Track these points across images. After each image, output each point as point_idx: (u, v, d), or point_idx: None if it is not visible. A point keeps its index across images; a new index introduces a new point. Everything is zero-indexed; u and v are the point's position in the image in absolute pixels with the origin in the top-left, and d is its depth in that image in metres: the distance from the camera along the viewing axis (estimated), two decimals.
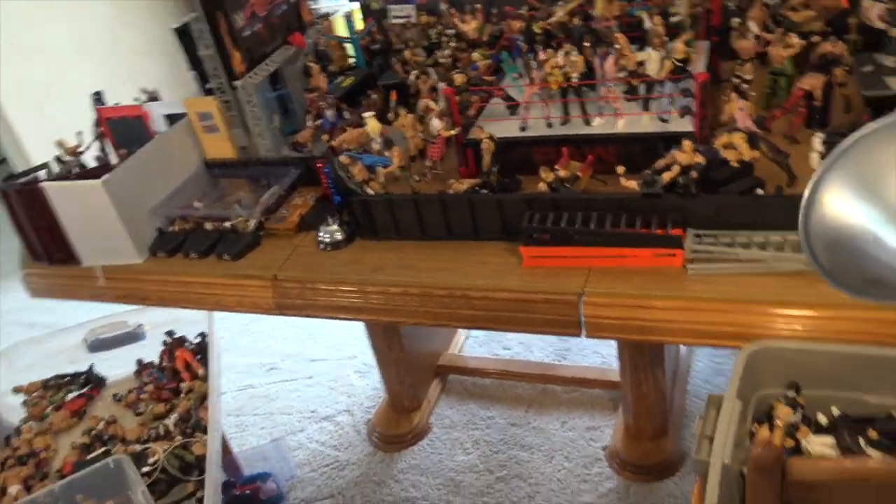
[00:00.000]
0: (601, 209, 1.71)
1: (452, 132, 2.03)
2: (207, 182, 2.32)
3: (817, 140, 1.90)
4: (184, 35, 2.27)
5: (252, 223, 2.07)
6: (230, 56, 2.13)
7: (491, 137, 1.90)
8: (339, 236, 1.97)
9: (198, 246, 2.06)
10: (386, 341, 2.64)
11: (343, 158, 1.95)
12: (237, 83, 2.14)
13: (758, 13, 2.25)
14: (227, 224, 2.09)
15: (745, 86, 2.13)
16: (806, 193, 0.71)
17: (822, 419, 1.44)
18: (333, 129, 2.27)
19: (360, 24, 2.79)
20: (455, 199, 1.85)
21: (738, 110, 1.99)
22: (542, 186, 1.84)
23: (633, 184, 1.67)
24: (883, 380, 1.44)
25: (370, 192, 1.96)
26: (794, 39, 2.02)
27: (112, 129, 2.44)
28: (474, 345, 3.10)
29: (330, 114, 2.27)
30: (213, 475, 1.71)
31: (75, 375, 2.28)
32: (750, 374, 1.49)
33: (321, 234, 1.98)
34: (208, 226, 2.11)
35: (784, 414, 1.48)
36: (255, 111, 2.18)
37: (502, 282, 1.72)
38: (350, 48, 2.74)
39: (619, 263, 1.67)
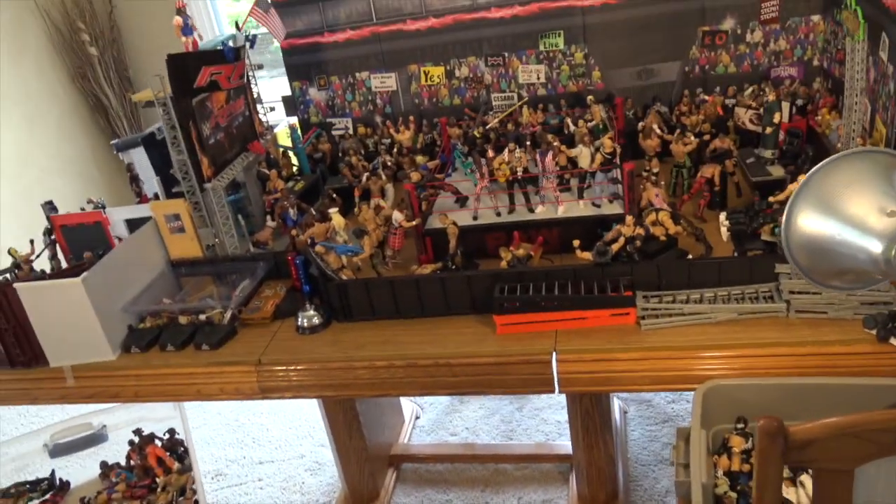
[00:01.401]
0: (561, 279, 1.96)
1: (413, 223, 2.26)
2: (172, 281, 2.40)
3: (722, 217, 2.28)
4: (150, 143, 2.41)
5: (228, 314, 2.16)
6: (200, 161, 2.29)
7: (455, 223, 2.15)
8: (316, 321, 2.11)
9: (175, 339, 2.12)
10: (347, 430, 2.71)
11: (319, 248, 2.13)
12: (207, 186, 2.29)
13: (653, 118, 2.69)
14: (202, 316, 2.17)
15: (653, 178, 2.52)
16: (784, 217, 0.98)
17: None
18: (295, 226, 2.44)
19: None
20: (428, 279, 2.05)
21: (655, 196, 2.35)
22: (503, 265, 2.09)
23: (587, 255, 1.95)
24: (811, 404, 1.73)
25: (344, 278, 2.13)
26: (691, 138, 2.44)
27: (66, 237, 2.49)
28: (422, 434, 3.20)
29: (292, 212, 2.44)
30: None
31: (36, 482, 2.19)
32: (705, 410, 1.74)
33: (300, 319, 2.11)
34: (182, 320, 2.19)
35: (737, 443, 1.74)
36: (224, 211, 2.32)
37: (480, 348, 1.91)
38: (293, 157, 2.96)
39: (582, 325, 1.92)
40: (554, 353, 1.85)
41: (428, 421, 3.29)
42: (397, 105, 3.02)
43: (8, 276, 2.26)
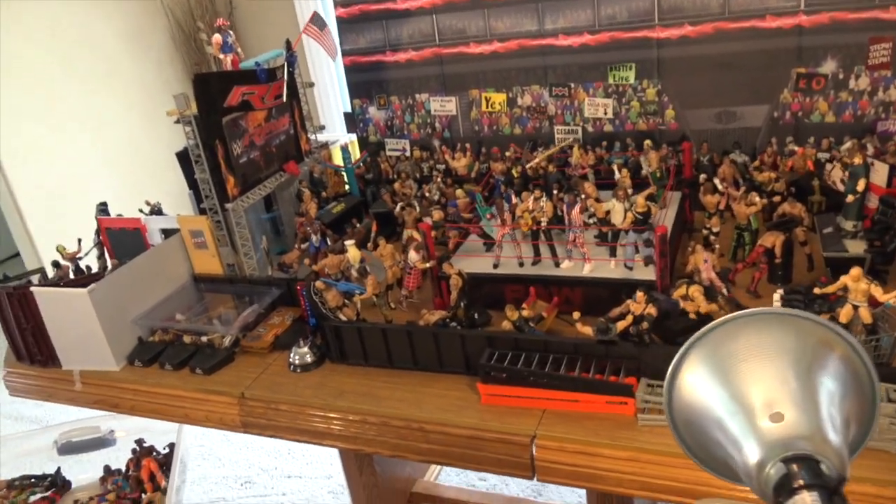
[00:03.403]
0: (558, 352, 1.76)
1: (427, 265, 2.12)
2: (194, 295, 2.40)
3: (776, 296, 1.96)
4: (185, 158, 2.42)
5: (228, 339, 2.13)
6: (225, 180, 2.27)
7: (460, 274, 1.98)
8: (308, 359, 2.02)
9: (174, 358, 2.11)
10: (357, 465, 2.63)
11: (319, 284, 2.03)
12: (228, 206, 2.26)
13: (726, 169, 2.38)
14: (204, 339, 2.15)
15: (712, 237, 2.23)
16: (671, 367, 0.76)
17: None
18: (318, 253, 2.37)
19: (357, 154, 2.96)
20: (421, 332, 1.91)
21: (703, 262, 2.07)
22: (507, 325, 1.90)
23: (588, 329, 1.73)
24: None
25: (342, 317, 2.02)
26: (756, 198, 2.12)
27: (111, 239, 2.56)
28: (451, 472, 3.06)
29: (315, 238, 2.37)
30: None
31: (41, 478, 2.28)
32: None
33: (292, 355, 2.04)
34: (186, 339, 2.18)
35: None
36: (244, 232, 2.29)
37: (458, 417, 1.75)
38: (346, 176, 2.89)
39: (572, 407, 1.70)
40: (533, 438, 1.65)
41: None
42: (456, 130, 2.88)
43: (41, 274, 2.35)
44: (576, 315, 1.74)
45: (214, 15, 5.04)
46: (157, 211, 2.65)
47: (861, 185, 2.02)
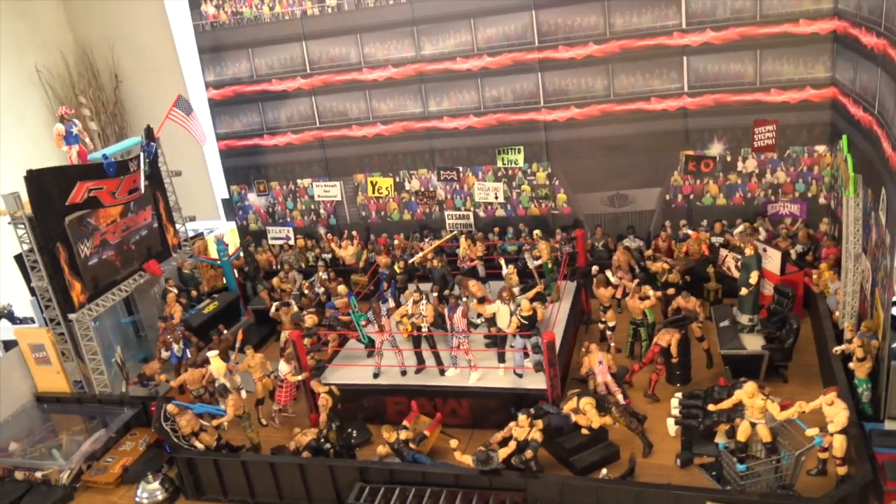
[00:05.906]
0: (438, 484, 1.56)
1: (299, 378, 1.91)
2: (37, 417, 2.11)
3: (674, 402, 1.83)
4: (21, 261, 2.14)
5: (65, 475, 1.84)
6: (69, 286, 2.01)
7: (330, 392, 1.78)
8: (159, 496, 1.77)
9: (1, 500, 1.80)
10: None
11: (171, 407, 1.79)
12: (72, 316, 1.99)
13: (620, 257, 2.28)
14: (39, 474, 1.86)
15: (609, 332, 2.10)
16: None
17: None
18: (180, 364, 2.12)
19: (237, 244, 2.74)
20: (285, 465, 1.68)
21: (598, 363, 1.93)
22: (383, 450, 1.70)
23: (467, 459, 1.54)
24: None
25: (199, 445, 1.78)
26: (650, 291, 2.01)
27: None
28: None
29: (177, 348, 2.13)
30: None
31: None
32: None
33: (139, 492, 1.78)
34: (19, 475, 1.87)
35: None
36: (92, 345, 2.02)
37: None
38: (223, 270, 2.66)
39: None
40: None
41: None
42: (342, 217, 2.71)
43: None
44: (453, 443, 1.55)
45: (99, 90, 4.78)
46: (8, 314, 2.34)
47: (754, 278, 1.93)
